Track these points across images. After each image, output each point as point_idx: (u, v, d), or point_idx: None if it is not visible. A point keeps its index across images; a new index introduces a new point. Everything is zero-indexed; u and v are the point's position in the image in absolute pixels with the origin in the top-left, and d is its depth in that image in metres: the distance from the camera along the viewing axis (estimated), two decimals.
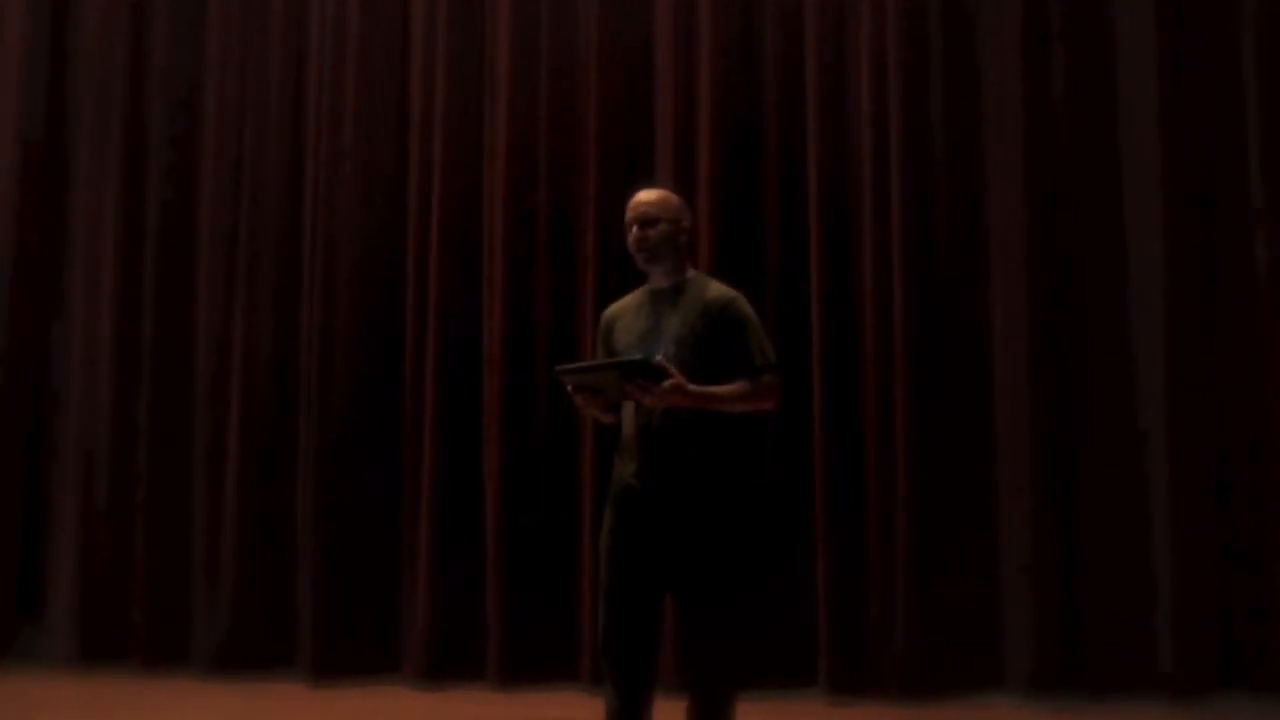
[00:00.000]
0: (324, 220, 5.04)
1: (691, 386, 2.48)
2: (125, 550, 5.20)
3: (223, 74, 5.45)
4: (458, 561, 4.50)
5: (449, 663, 4.07)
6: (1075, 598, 3.72)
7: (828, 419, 4.05)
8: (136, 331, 5.43)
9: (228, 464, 5.11)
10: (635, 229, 2.70)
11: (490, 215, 4.73)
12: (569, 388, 2.61)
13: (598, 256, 4.15)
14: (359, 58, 5.10)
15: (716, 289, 2.70)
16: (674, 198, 2.72)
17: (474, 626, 3.92)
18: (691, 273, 2.75)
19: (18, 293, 5.83)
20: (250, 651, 4.20)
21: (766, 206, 4.24)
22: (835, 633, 3.82)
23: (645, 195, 2.75)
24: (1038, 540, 3.82)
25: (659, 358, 2.53)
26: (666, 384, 2.45)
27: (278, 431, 5.10)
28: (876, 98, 4.15)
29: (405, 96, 5.09)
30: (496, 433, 4.48)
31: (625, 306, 2.82)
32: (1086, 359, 3.94)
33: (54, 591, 5.31)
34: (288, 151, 5.36)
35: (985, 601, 3.84)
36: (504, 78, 4.74)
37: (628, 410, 2.71)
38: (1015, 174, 4.05)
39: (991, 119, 4.05)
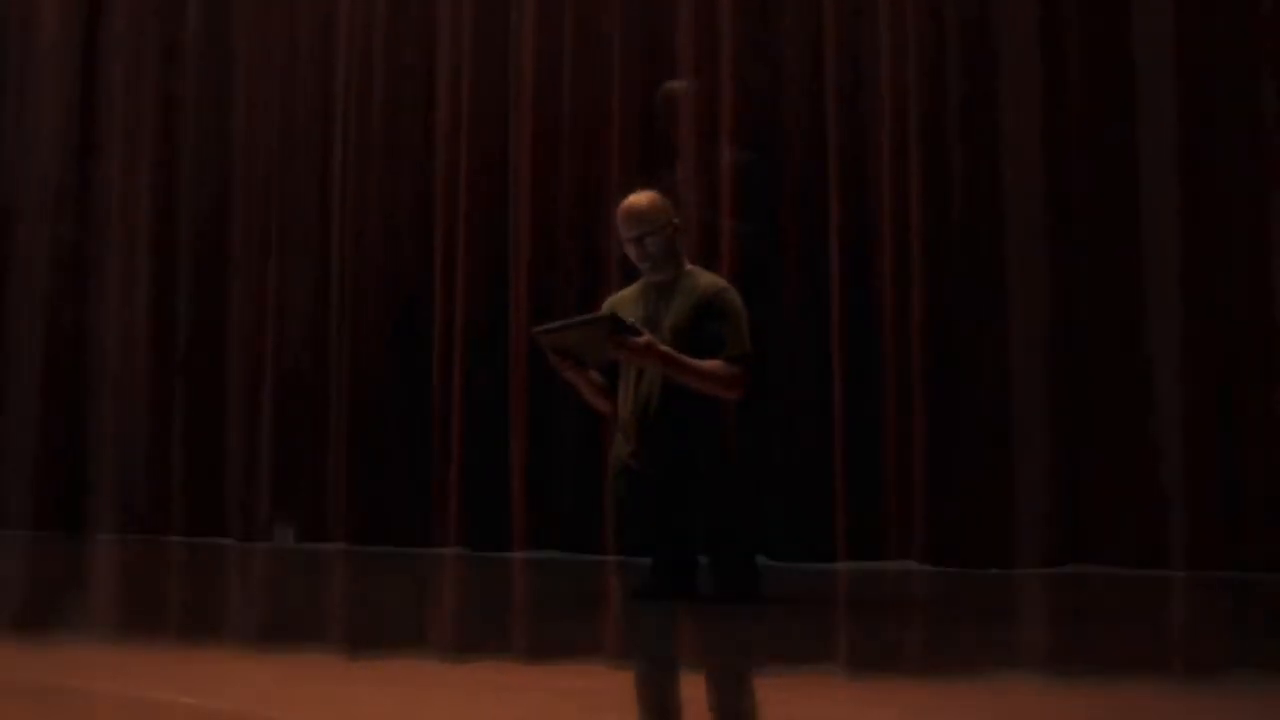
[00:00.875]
0: (352, 215, 5.18)
1: (662, 348, 2.56)
2: (162, 532, 5.43)
3: (251, 70, 5.56)
4: (484, 541, 4.63)
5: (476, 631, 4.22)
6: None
7: (848, 397, 4.11)
8: (172, 318, 5.60)
9: (261, 449, 5.28)
10: (634, 246, 2.77)
11: (516, 212, 4.85)
12: (549, 352, 2.68)
13: (620, 252, 4.27)
14: (386, 62, 5.21)
15: (709, 280, 2.79)
16: (658, 200, 2.80)
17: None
18: (688, 266, 2.82)
19: (56, 283, 6.00)
20: (284, 622, 4.36)
21: (786, 197, 4.30)
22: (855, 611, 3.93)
23: (633, 208, 2.81)
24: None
25: (631, 320, 2.62)
26: (640, 340, 2.52)
27: (309, 421, 5.26)
28: (895, 81, 4.20)
29: (431, 93, 5.18)
30: (523, 427, 4.61)
31: (625, 297, 2.89)
32: (1101, 347, 3.98)
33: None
34: (317, 151, 5.48)
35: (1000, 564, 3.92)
36: (528, 79, 4.83)
37: (624, 392, 2.77)
38: (1033, 155, 4.08)
39: (1008, 100, 4.08)
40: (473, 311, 4.87)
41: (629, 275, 3.15)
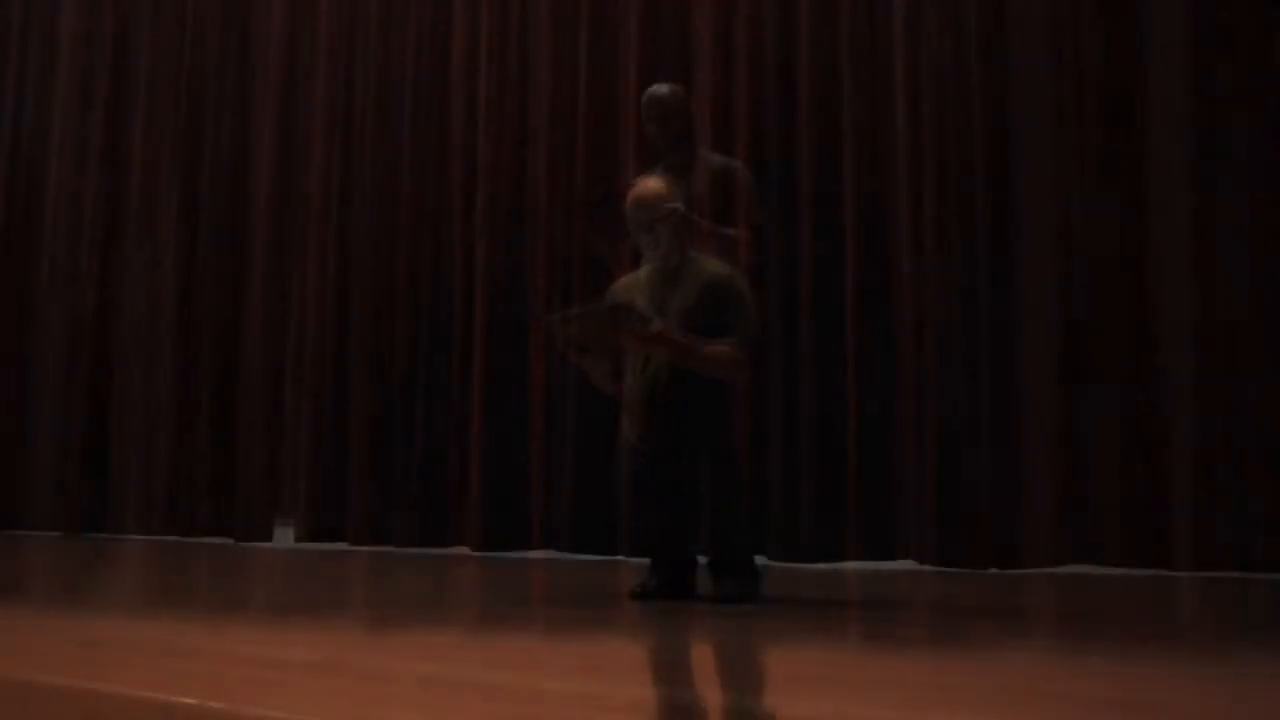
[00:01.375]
0: (373, 216, 5.21)
1: (674, 335, 2.59)
2: (187, 512, 5.46)
3: (269, 68, 5.61)
4: (495, 542, 4.66)
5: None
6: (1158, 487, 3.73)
7: (860, 397, 4.10)
8: (194, 305, 5.67)
9: (278, 452, 5.30)
10: (642, 233, 2.80)
11: (534, 219, 4.89)
12: (561, 343, 2.72)
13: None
14: (410, 66, 5.24)
15: (715, 266, 2.81)
16: (666, 188, 2.82)
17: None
18: (692, 252, 2.83)
19: (81, 266, 6.07)
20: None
21: (802, 198, 4.32)
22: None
23: (642, 196, 2.85)
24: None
25: (641, 308, 2.65)
26: (653, 329, 2.54)
27: (333, 411, 5.30)
28: (910, 69, 4.20)
29: (446, 94, 5.19)
30: (540, 429, 4.64)
31: (631, 283, 2.91)
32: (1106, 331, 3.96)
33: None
34: (337, 134, 5.50)
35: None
36: (545, 82, 4.87)
37: (632, 373, 2.79)
38: (1046, 154, 4.07)
39: (1021, 101, 4.08)
40: (493, 312, 4.94)
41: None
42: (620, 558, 4.57)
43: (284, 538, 5.54)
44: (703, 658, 2.05)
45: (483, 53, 5.08)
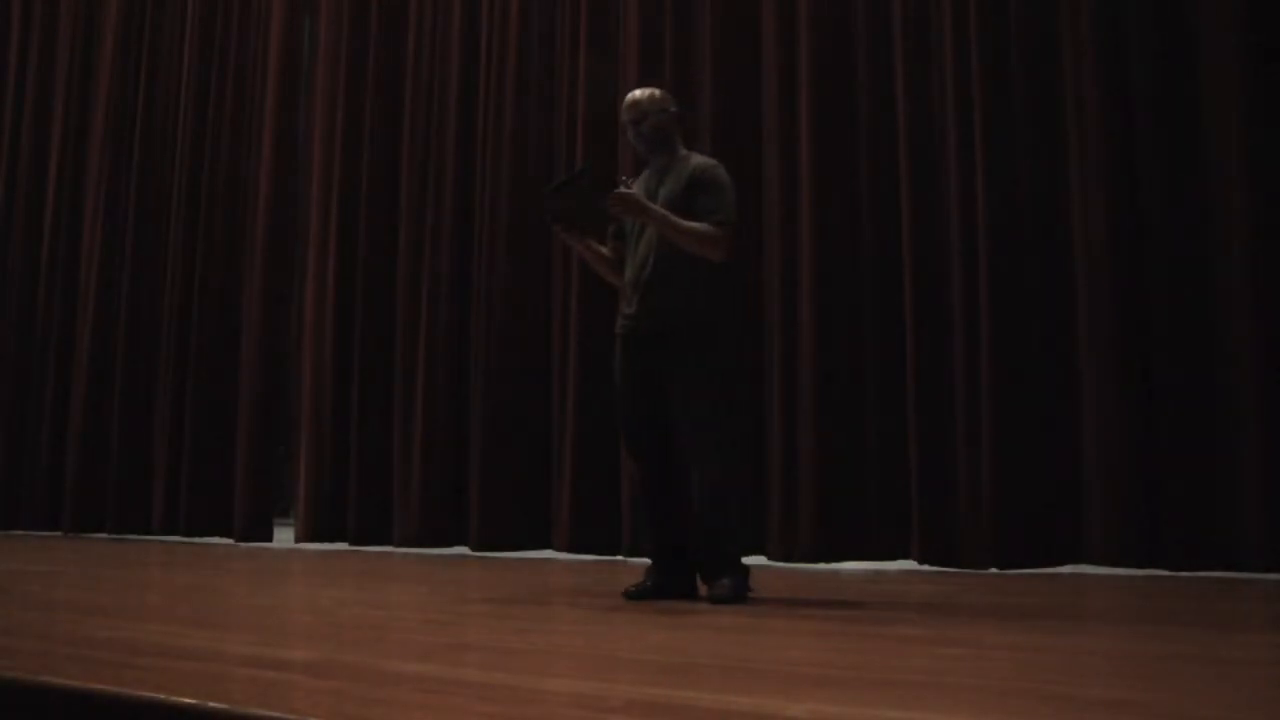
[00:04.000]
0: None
1: (646, 203, 2.76)
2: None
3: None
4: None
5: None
6: (1155, 487, 3.75)
7: (917, 320, 4.07)
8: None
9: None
10: (631, 130, 3.01)
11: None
12: (554, 223, 2.86)
13: None
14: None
15: (701, 160, 2.98)
16: (655, 92, 3.03)
17: None
18: (683, 151, 3.01)
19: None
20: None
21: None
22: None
23: (630, 98, 3.11)
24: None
25: (623, 177, 2.83)
26: (621, 191, 2.70)
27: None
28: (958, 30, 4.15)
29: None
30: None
31: (637, 182, 3.08)
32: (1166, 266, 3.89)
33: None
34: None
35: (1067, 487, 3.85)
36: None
37: (629, 259, 2.98)
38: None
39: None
40: (495, 313, 4.96)
41: None
42: (620, 558, 4.57)
43: (284, 538, 5.53)
44: (701, 658, 2.05)
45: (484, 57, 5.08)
